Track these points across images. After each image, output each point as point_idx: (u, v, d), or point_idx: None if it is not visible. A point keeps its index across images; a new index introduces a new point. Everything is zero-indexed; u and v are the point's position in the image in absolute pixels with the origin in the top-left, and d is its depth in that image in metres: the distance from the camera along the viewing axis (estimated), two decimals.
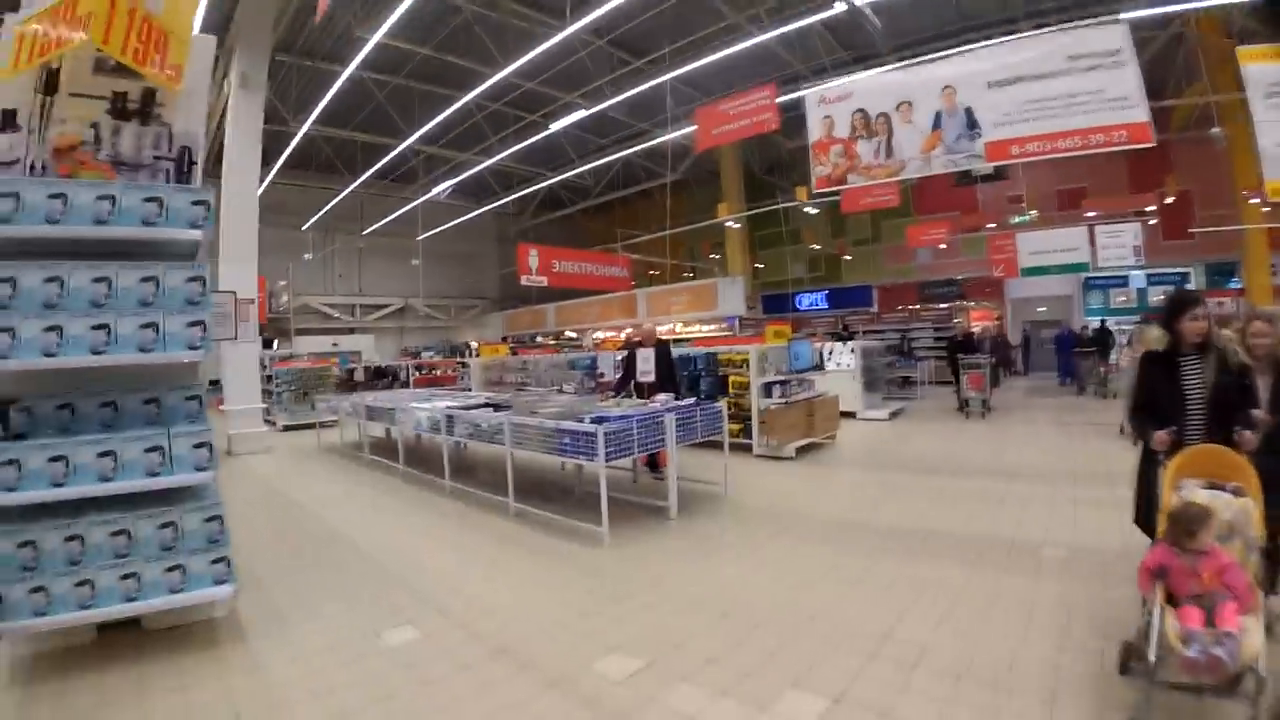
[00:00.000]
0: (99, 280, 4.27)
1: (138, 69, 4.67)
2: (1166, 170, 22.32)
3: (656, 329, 10.27)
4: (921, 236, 22.73)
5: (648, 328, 9.81)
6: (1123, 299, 25.82)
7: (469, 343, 32.10)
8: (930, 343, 25.47)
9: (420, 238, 30.96)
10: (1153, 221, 20.91)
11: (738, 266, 27.96)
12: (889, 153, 8.35)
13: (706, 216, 26.58)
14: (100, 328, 4.21)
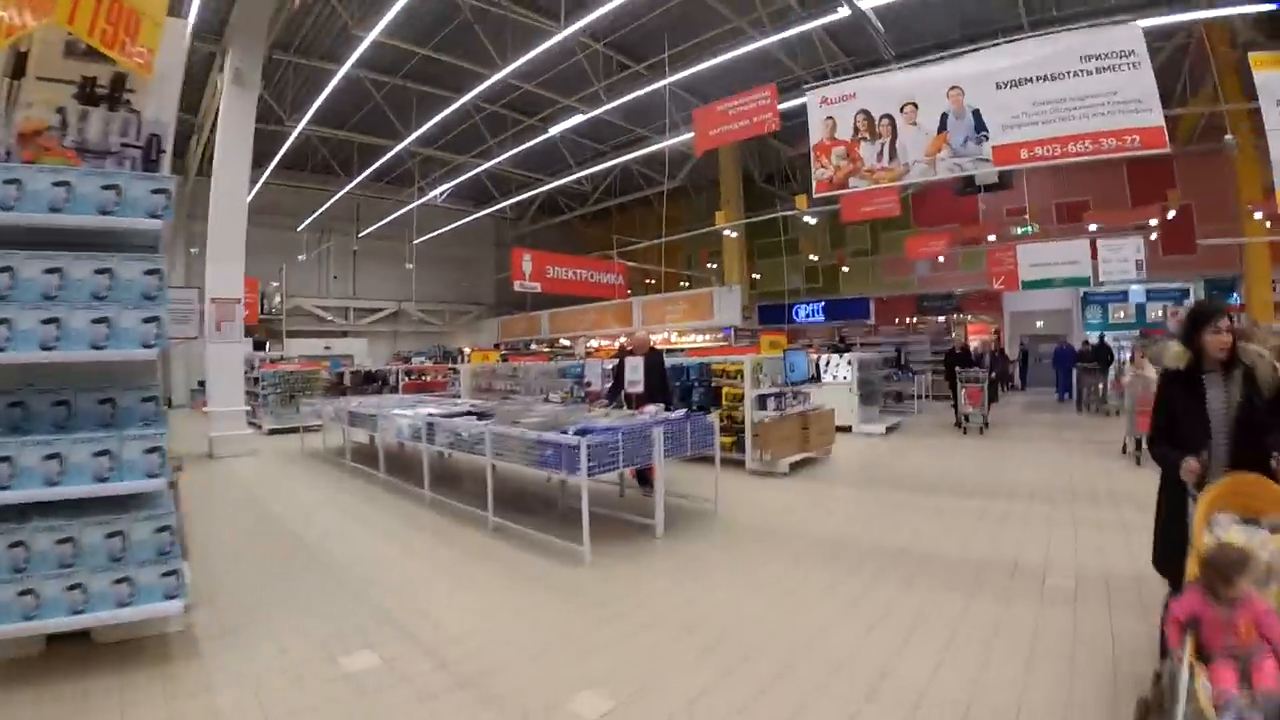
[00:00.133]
0: (51, 271, 4.02)
1: (105, 52, 4.52)
2: (1168, 184, 22.15)
3: (650, 337, 9.98)
4: (921, 248, 22.54)
5: (640, 336, 9.53)
6: (1121, 314, 25.77)
7: (462, 348, 31.88)
8: (928, 356, 25.31)
9: (416, 241, 30.73)
10: (1154, 236, 20.67)
11: (735, 276, 27.72)
12: (893, 155, 8.06)
13: (704, 224, 26.39)
14: (50, 321, 3.96)
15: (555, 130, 21.33)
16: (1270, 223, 18.68)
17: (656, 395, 8.60)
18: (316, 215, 30.07)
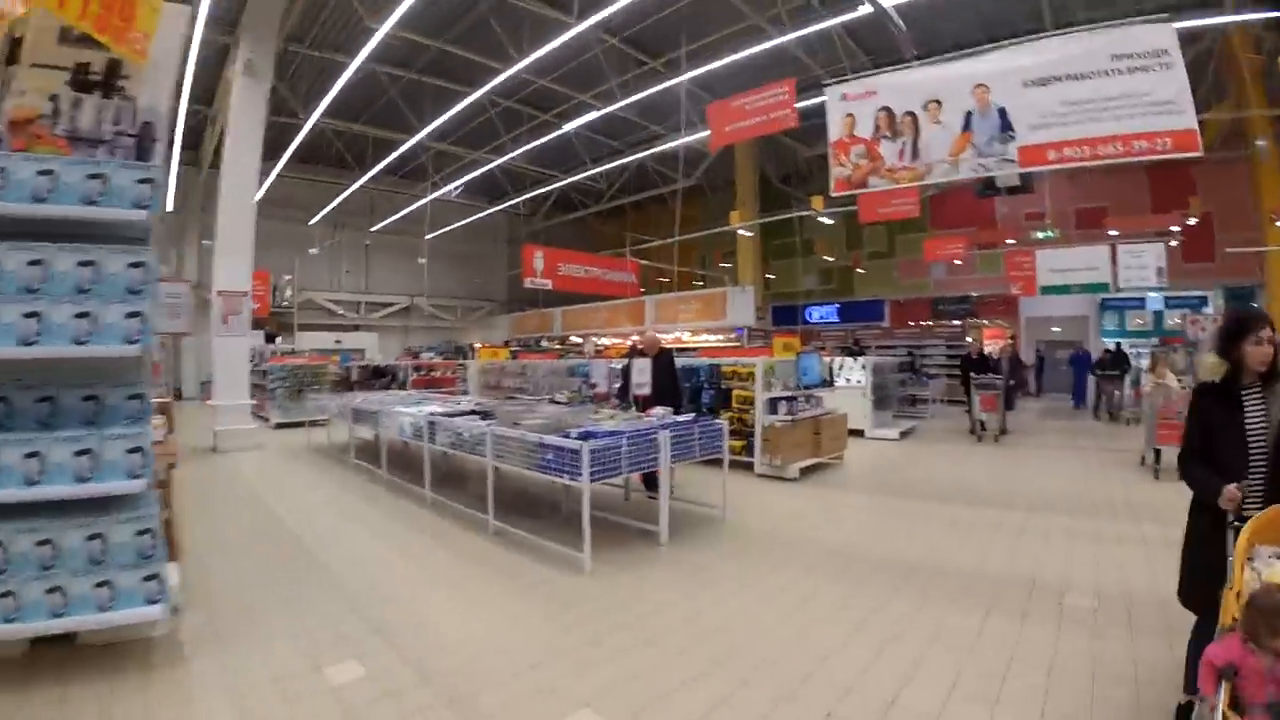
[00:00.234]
0: (34, 263, 3.86)
1: (97, 37, 4.37)
2: (1189, 191, 21.92)
3: (659, 337, 9.79)
4: (939, 251, 22.21)
5: (650, 335, 9.35)
6: (1139, 321, 25.37)
7: (473, 344, 31.75)
8: (942, 360, 25.07)
9: (428, 236, 30.60)
10: (1174, 243, 20.35)
11: (749, 276, 27.49)
12: (915, 154, 7.79)
13: (719, 224, 26.17)
14: (31, 315, 3.82)
15: (570, 126, 21.11)
16: None
17: (666, 397, 8.40)
18: (330, 209, 29.91)
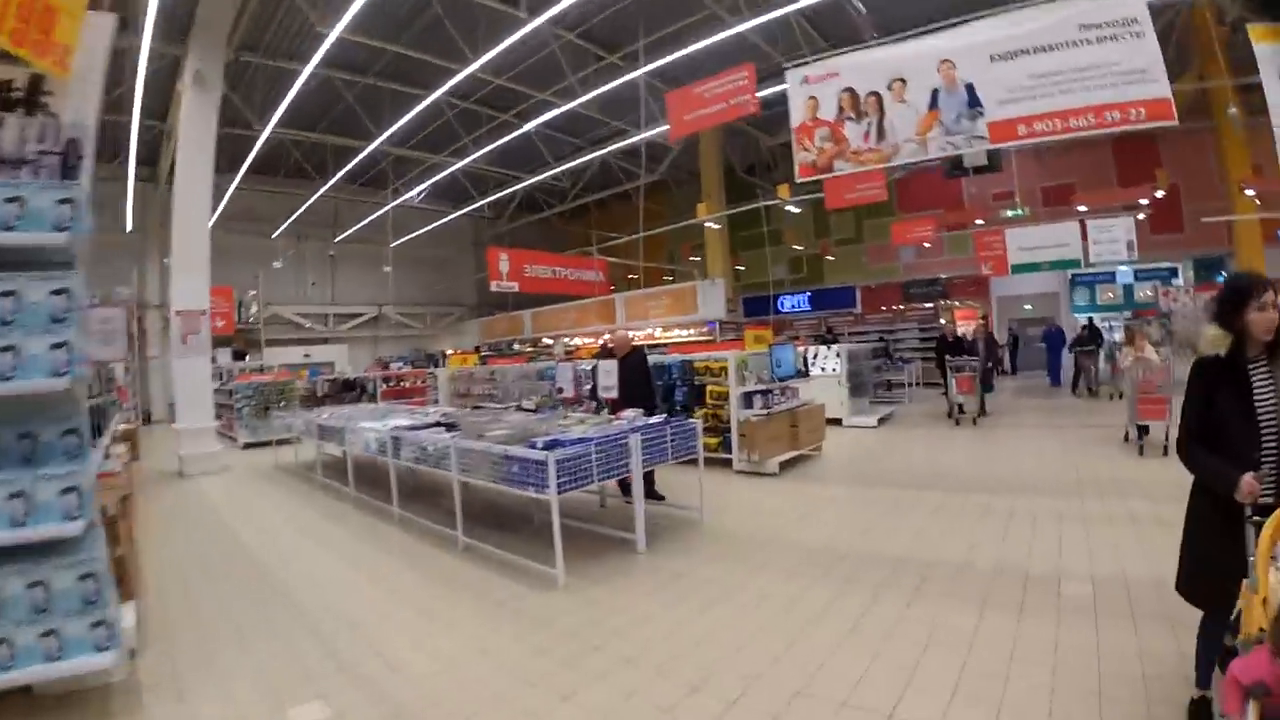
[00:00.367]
0: None
1: (14, 51, 4.06)
2: (1155, 164, 21.99)
3: (630, 335, 9.50)
4: (907, 234, 22.08)
5: (620, 334, 9.04)
6: (1110, 295, 25.59)
7: (445, 351, 31.35)
8: (916, 343, 24.99)
9: (394, 244, 30.14)
10: (1141, 216, 20.34)
11: (718, 269, 27.25)
12: (880, 135, 7.56)
13: (686, 218, 25.94)
14: None
15: (530, 125, 20.87)
16: (1260, 200, 18.44)
17: (640, 398, 8.12)
18: (291, 220, 29.36)
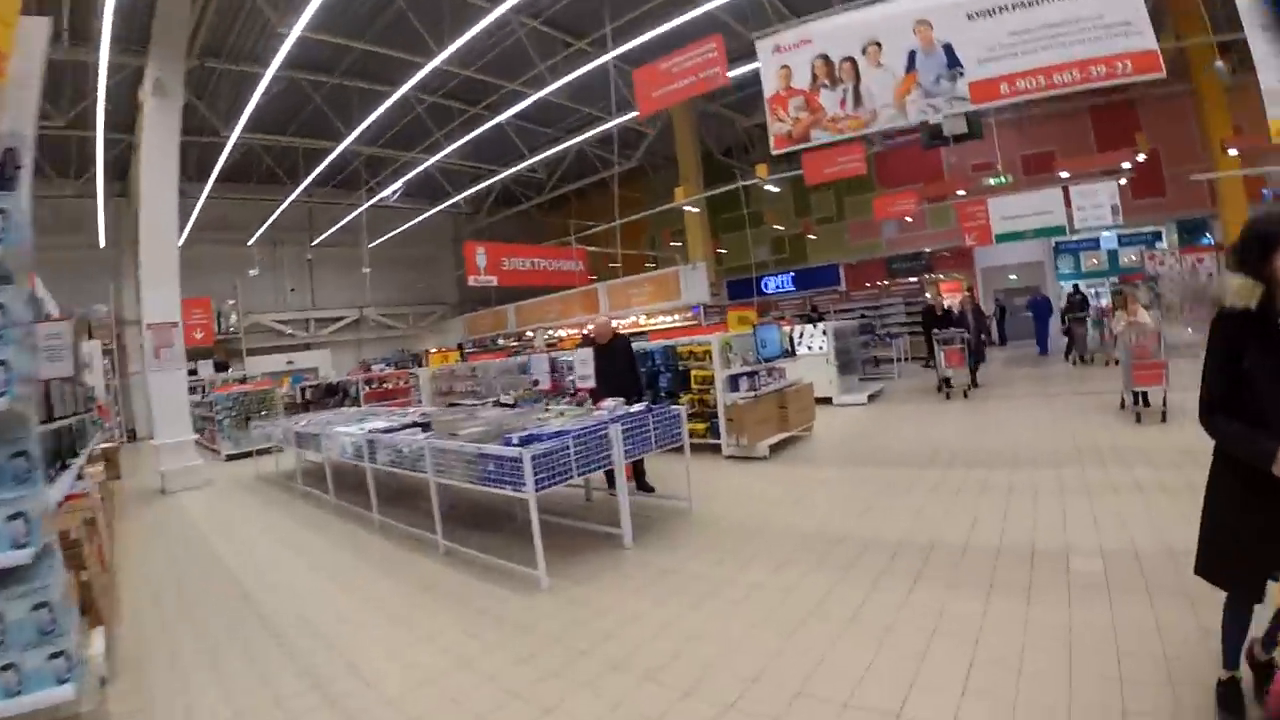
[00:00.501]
0: None
1: None
2: (1134, 128, 21.91)
3: (611, 323, 9.22)
4: (889, 208, 21.86)
5: (601, 322, 8.75)
6: (1095, 261, 25.47)
7: (428, 350, 31.02)
8: (903, 318, 24.82)
9: (371, 245, 29.76)
10: (1122, 181, 20.18)
11: (699, 253, 26.97)
12: (857, 101, 7.29)
13: (665, 203, 25.67)
14: None
15: (502, 117, 20.53)
16: (1242, 158, 18.36)
17: (624, 387, 7.87)
18: (266, 227, 28.87)
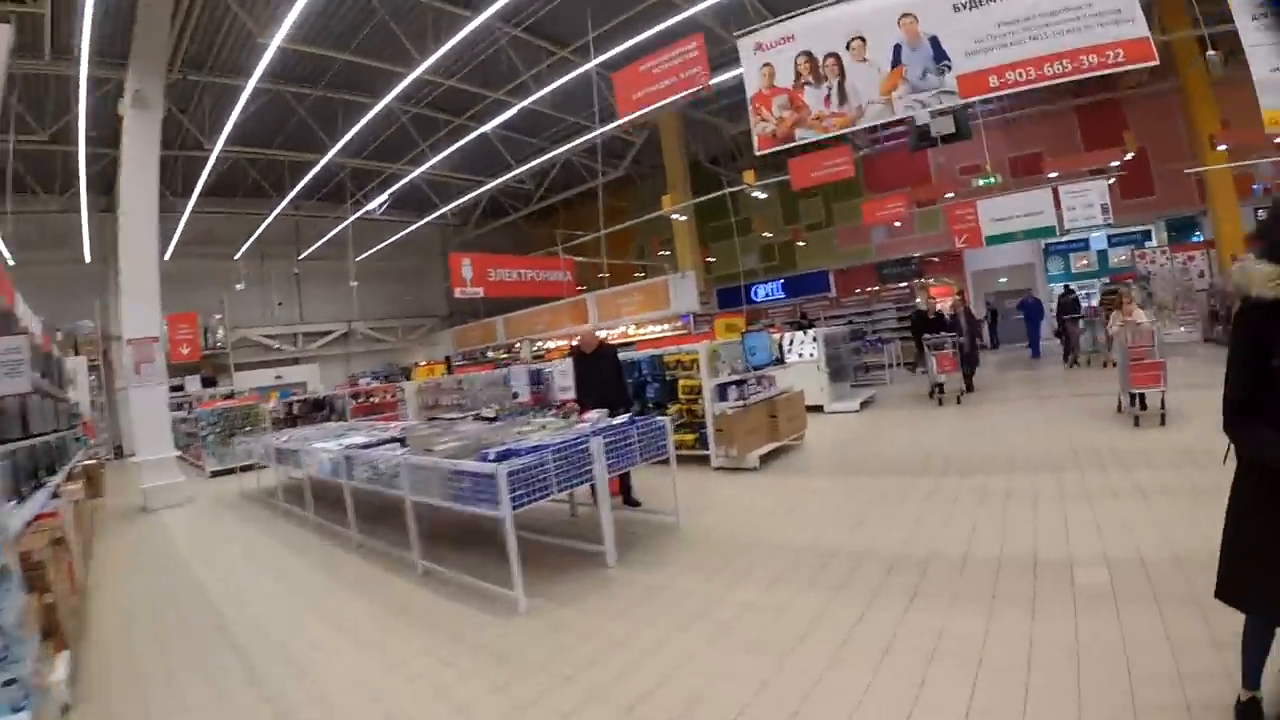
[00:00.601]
0: None
1: None
2: (1121, 126, 22.00)
3: (597, 332, 9.00)
4: (878, 213, 21.75)
5: (588, 331, 8.53)
6: (1085, 262, 25.59)
7: (418, 363, 30.76)
8: (894, 324, 24.65)
9: (359, 258, 29.54)
10: (1110, 180, 20.10)
11: (688, 261, 26.79)
12: (843, 98, 7.09)
13: (653, 211, 25.51)
14: None
15: (487, 126, 20.36)
16: (1231, 153, 18.45)
17: (612, 397, 7.64)
18: (252, 241, 28.67)
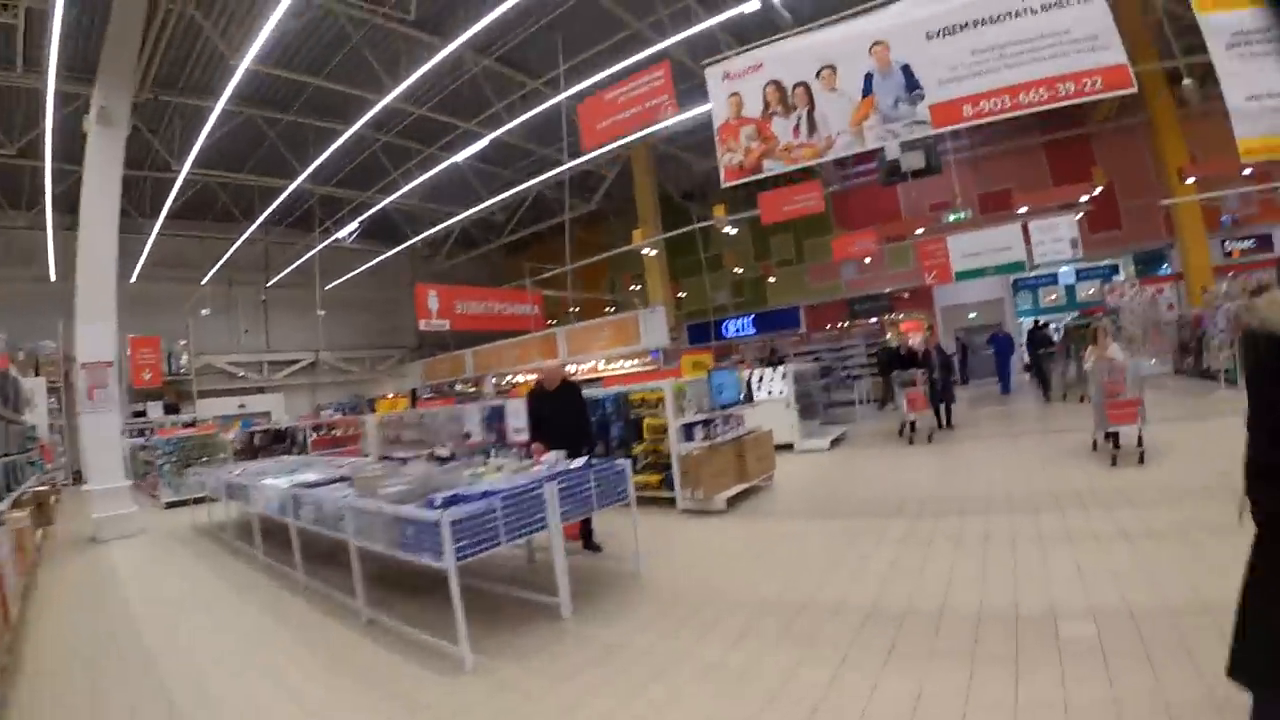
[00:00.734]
0: None
1: None
2: (1089, 162, 22.40)
3: (562, 367, 8.65)
4: (848, 248, 21.82)
5: (550, 366, 8.11)
6: (1053, 297, 25.93)
7: (385, 395, 30.28)
8: (864, 360, 24.57)
9: (328, 287, 29.14)
10: (1079, 215, 20.24)
11: (659, 296, 26.64)
12: (812, 129, 6.92)
13: (624, 246, 25.41)
14: None
15: (459, 157, 20.15)
16: (1200, 186, 18.81)
17: (575, 437, 7.28)
18: (220, 265, 28.26)
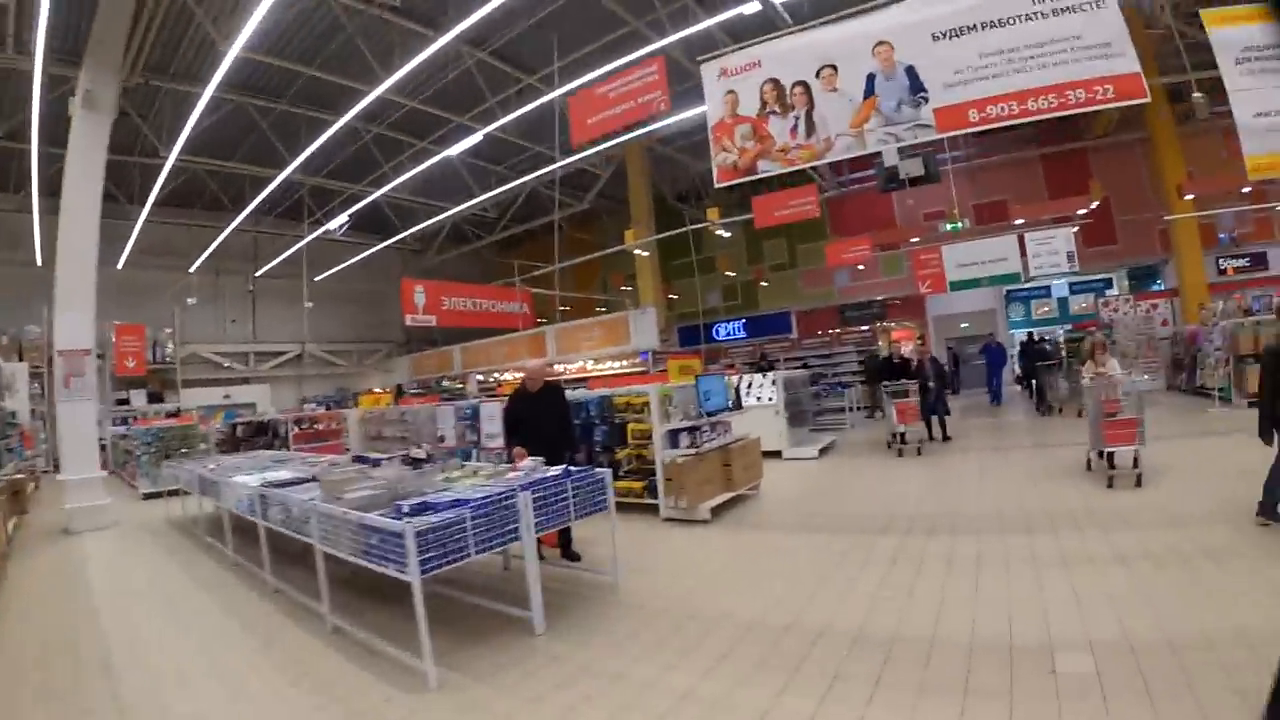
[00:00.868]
0: None
1: None
2: (1086, 175, 22.47)
3: (545, 366, 8.37)
4: (842, 255, 21.68)
5: (534, 367, 7.80)
6: (1046, 309, 26.12)
7: (372, 390, 30.00)
8: (855, 367, 24.43)
9: (317, 279, 28.84)
10: (1074, 229, 20.15)
11: (650, 297, 26.42)
12: (810, 129, 6.69)
13: (617, 246, 25.21)
14: None
15: (451, 151, 19.89)
16: (1198, 202, 18.97)
17: (557, 441, 7.05)
18: (208, 254, 27.93)
